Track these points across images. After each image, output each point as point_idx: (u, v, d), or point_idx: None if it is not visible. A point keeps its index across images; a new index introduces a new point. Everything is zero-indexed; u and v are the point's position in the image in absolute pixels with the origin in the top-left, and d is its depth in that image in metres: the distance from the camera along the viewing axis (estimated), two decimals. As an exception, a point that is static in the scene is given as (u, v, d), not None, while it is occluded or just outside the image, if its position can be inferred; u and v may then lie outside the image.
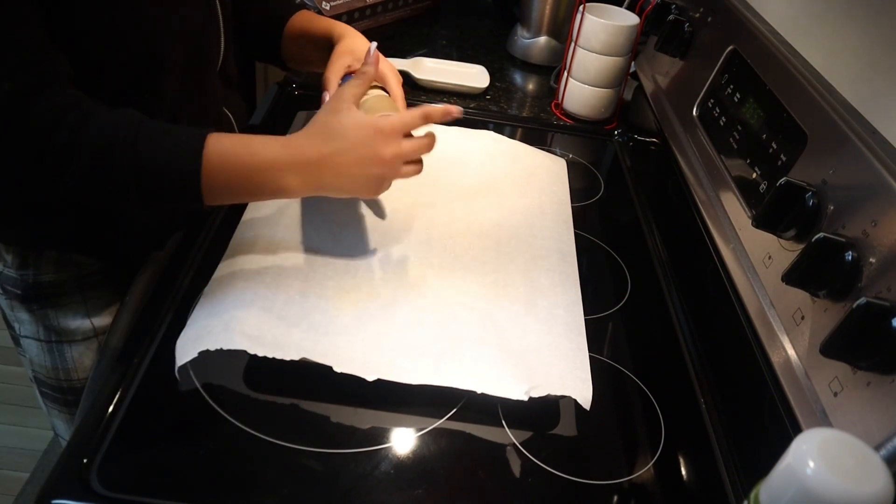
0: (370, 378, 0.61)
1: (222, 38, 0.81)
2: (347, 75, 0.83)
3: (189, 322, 0.65)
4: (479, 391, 0.62)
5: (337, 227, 0.80)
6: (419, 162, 0.72)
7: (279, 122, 1.02)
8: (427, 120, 0.69)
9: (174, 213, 0.82)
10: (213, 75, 0.82)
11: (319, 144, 0.65)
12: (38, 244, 0.78)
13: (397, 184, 0.89)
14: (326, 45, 0.90)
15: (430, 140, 0.70)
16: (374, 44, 0.77)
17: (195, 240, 0.80)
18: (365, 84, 0.71)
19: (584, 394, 0.63)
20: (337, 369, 0.61)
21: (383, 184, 0.70)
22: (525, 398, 0.61)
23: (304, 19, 0.94)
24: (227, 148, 0.63)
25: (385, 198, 0.86)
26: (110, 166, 0.59)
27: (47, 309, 0.81)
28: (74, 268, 0.80)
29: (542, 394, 0.62)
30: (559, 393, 0.63)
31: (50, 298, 0.80)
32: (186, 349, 0.61)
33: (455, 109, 0.71)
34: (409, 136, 0.70)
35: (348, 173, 0.67)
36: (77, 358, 0.84)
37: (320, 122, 0.67)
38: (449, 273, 0.77)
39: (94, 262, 0.81)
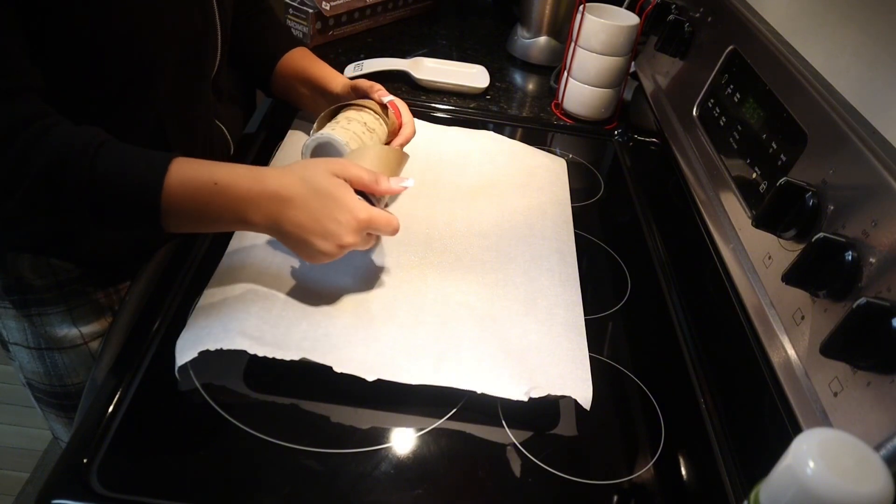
0: (370, 378, 0.61)
1: (219, 51, 0.79)
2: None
3: (189, 322, 0.65)
4: (478, 391, 0.62)
5: None
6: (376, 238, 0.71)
7: (275, 131, 1.02)
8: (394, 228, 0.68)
9: (137, 236, 0.79)
10: (206, 86, 0.80)
11: (293, 184, 0.62)
12: (12, 246, 0.75)
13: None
14: (318, 90, 0.89)
15: (395, 223, 0.67)
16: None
17: (195, 239, 0.80)
18: (363, 187, 0.67)
19: (584, 394, 0.63)
20: (337, 369, 0.61)
21: (339, 242, 0.64)
22: (525, 398, 0.61)
23: (300, 58, 0.92)
24: (189, 173, 0.60)
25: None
26: (63, 184, 0.56)
27: (33, 316, 0.79)
28: (52, 275, 0.77)
29: (543, 394, 0.62)
30: (559, 393, 0.63)
31: (33, 305, 0.78)
32: (186, 349, 0.61)
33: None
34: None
35: (313, 219, 0.63)
36: (68, 365, 0.83)
37: (299, 163, 0.65)
38: (449, 273, 0.77)
39: (72, 268, 0.78)
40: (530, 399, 0.62)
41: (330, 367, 0.61)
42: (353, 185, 0.65)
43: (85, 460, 0.55)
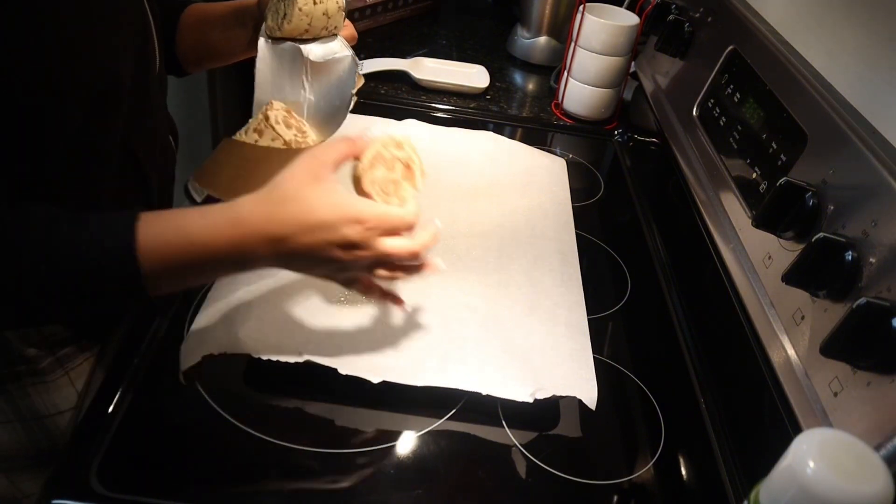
0: (375, 380, 0.61)
1: (155, 43, 0.70)
2: None
3: (192, 327, 0.65)
4: (483, 393, 0.62)
5: None
6: (401, 270, 0.59)
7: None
8: (410, 225, 0.57)
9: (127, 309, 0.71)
10: (154, 87, 0.71)
11: (282, 225, 0.52)
12: None
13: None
14: (238, 20, 0.76)
15: (421, 247, 0.57)
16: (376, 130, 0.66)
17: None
18: (349, 155, 0.58)
19: (589, 394, 0.63)
20: (342, 371, 0.61)
21: (340, 276, 0.58)
22: (530, 400, 0.61)
23: (200, 6, 0.80)
24: (159, 239, 0.50)
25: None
26: (25, 296, 0.49)
27: (27, 387, 0.70)
28: (45, 343, 0.69)
29: (548, 395, 0.62)
30: (564, 394, 0.63)
31: (26, 377, 0.70)
32: (190, 354, 0.61)
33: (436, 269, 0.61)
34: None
35: (309, 260, 0.55)
36: (64, 424, 0.74)
37: (290, 191, 0.53)
38: (452, 274, 0.77)
39: (62, 331, 0.70)
40: (535, 400, 0.62)
41: (331, 369, 0.61)
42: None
43: (85, 460, 0.55)
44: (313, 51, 0.72)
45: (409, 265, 0.59)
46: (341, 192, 0.54)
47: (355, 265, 0.55)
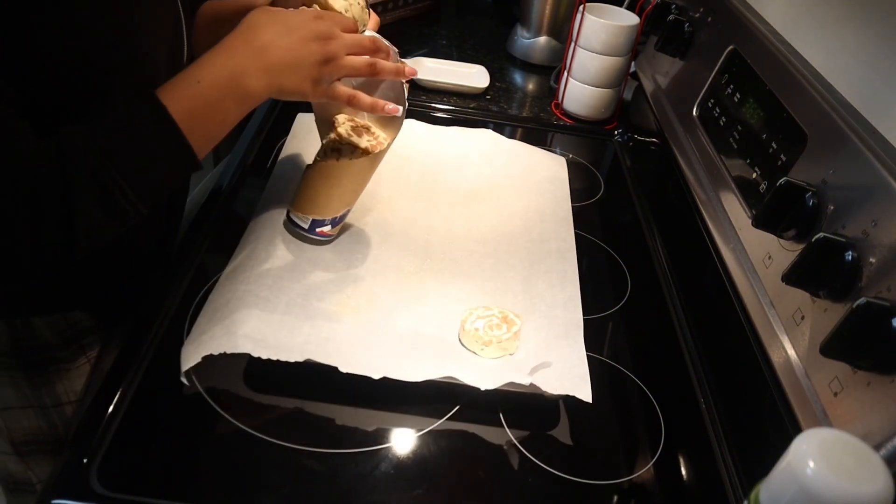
0: (376, 377, 0.61)
1: (185, 36, 0.74)
2: None
3: (193, 327, 0.65)
4: (482, 388, 0.61)
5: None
6: (365, 57, 0.67)
7: (278, 124, 1.02)
8: (375, 46, 0.67)
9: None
10: None
11: (250, 33, 0.62)
12: (23, 312, 0.71)
13: (397, 187, 0.90)
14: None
15: (372, 41, 0.67)
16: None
17: (193, 243, 0.80)
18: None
19: (584, 389, 0.63)
20: (343, 369, 0.61)
21: (325, 68, 0.65)
22: (526, 383, 0.61)
23: (217, 3, 0.84)
24: (176, 92, 0.59)
25: (385, 203, 0.87)
26: (110, 201, 0.55)
27: (51, 374, 0.74)
28: (70, 330, 0.73)
29: (544, 389, 0.62)
30: (559, 393, 0.63)
31: (49, 364, 0.73)
32: (190, 354, 0.61)
33: (409, 71, 0.71)
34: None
35: (292, 55, 0.63)
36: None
37: (254, 17, 0.64)
38: (449, 280, 0.77)
39: (87, 318, 0.74)
40: (531, 398, 0.61)
41: (331, 369, 0.61)
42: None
43: (85, 460, 0.55)
44: None
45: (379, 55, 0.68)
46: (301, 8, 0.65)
47: (332, 55, 0.64)
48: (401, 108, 0.71)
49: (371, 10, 0.78)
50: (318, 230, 0.76)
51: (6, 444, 0.78)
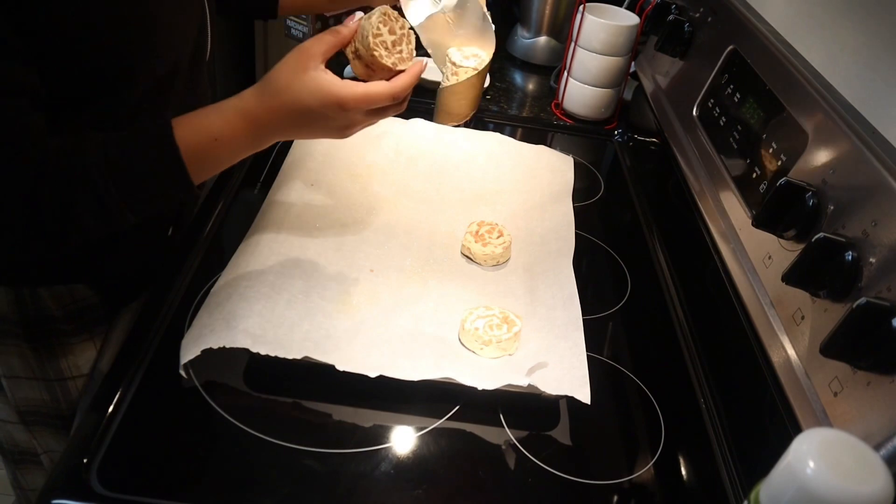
0: (373, 375, 0.61)
1: (209, 31, 0.77)
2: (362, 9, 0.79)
3: (194, 322, 0.65)
4: (479, 388, 0.61)
5: (339, 232, 0.81)
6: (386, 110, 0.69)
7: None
8: (395, 98, 0.66)
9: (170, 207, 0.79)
10: (203, 75, 0.78)
11: (279, 115, 0.63)
12: (32, 280, 0.72)
13: (403, 188, 0.90)
14: None
15: (397, 109, 0.68)
16: (359, 14, 0.72)
17: (194, 242, 0.80)
18: (336, 45, 0.66)
19: (582, 390, 0.63)
20: (339, 367, 0.61)
21: (349, 131, 0.67)
22: (524, 384, 0.61)
23: None
24: (192, 144, 0.61)
25: (391, 203, 0.87)
26: (107, 212, 0.58)
27: (55, 347, 0.75)
28: (75, 306, 0.75)
29: (542, 389, 0.62)
30: (558, 393, 0.63)
31: (53, 337, 0.75)
32: (189, 347, 0.61)
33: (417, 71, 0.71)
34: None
35: (309, 134, 0.67)
36: (83, 388, 0.79)
37: (282, 82, 0.62)
38: (450, 282, 0.77)
39: (92, 295, 0.75)
40: (530, 398, 0.61)
41: (331, 368, 0.61)
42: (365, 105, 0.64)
43: (85, 460, 0.55)
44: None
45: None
46: (325, 81, 0.62)
47: (352, 131, 0.66)
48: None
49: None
50: None
51: (12, 412, 0.80)
